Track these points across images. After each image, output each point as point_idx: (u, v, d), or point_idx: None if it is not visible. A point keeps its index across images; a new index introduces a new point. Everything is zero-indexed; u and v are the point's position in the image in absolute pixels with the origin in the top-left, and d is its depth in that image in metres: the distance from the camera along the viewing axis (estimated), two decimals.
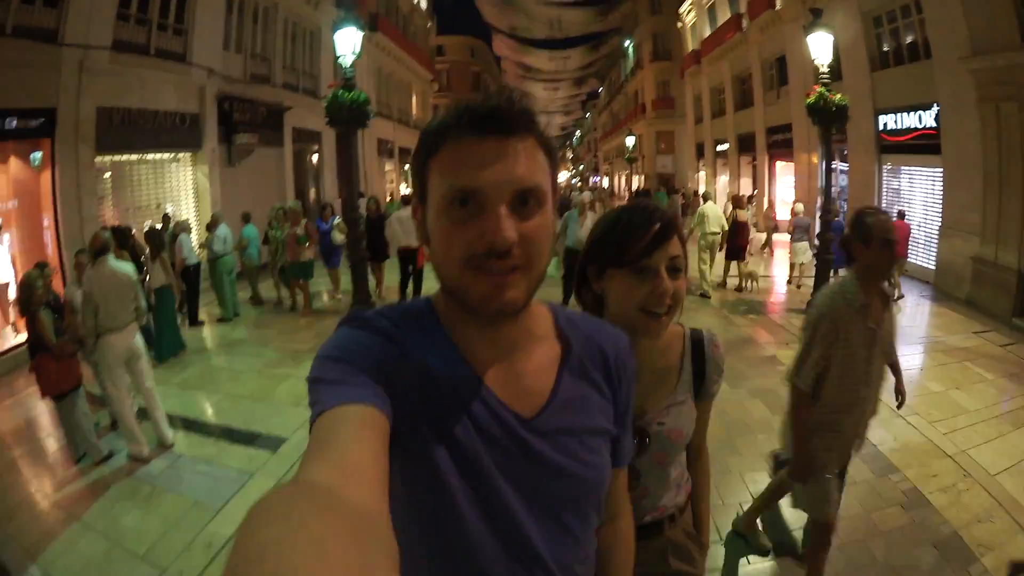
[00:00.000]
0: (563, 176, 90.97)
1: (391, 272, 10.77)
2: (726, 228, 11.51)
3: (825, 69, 9.73)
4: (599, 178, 67.62)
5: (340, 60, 9.47)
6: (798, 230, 11.71)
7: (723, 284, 12.11)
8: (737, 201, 12.19)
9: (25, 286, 5.14)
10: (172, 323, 8.23)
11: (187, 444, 5.62)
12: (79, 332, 5.25)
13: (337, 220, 10.32)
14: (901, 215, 11.75)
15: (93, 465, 5.18)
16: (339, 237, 10.26)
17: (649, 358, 1.53)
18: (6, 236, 9.33)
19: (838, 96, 9.47)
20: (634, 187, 38.01)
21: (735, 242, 11.61)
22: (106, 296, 5.20)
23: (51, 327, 5.05)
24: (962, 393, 6.27)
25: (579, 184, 65.33)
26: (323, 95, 18.92)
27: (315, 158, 20.27)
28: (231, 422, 6.09)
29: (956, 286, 11.29)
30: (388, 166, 28.09)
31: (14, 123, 9.04)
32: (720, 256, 11.82)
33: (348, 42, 9.51)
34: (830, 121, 9.71)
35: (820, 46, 9.63)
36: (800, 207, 12.50)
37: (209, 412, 6.52)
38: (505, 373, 0.91)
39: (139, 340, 5.53)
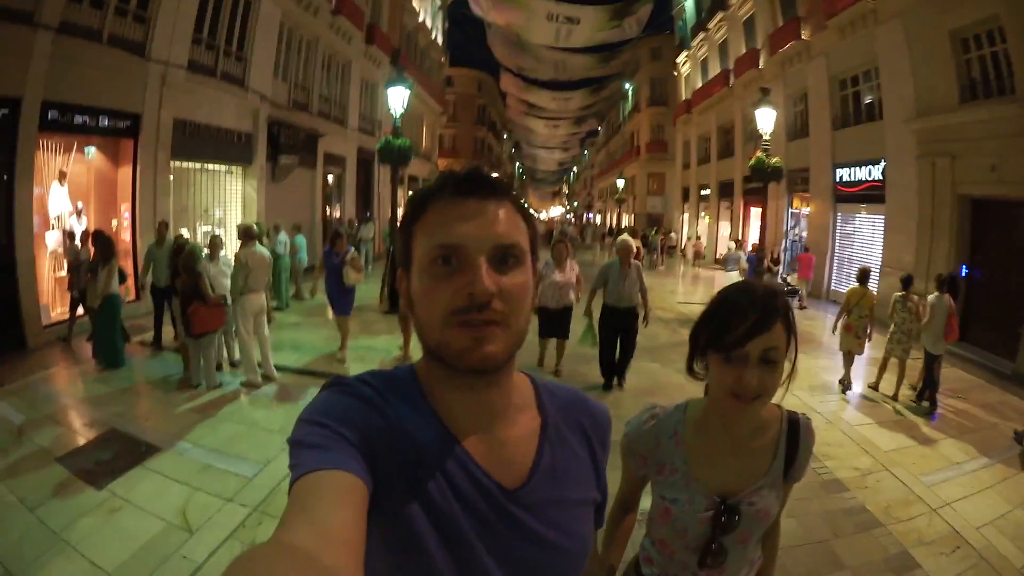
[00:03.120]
0: (557, 211, 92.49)
1: None
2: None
3: (767, 137, 11.61)
4: (592, 214, 69.57)
5: (391, 111, 11.74)
6: (729, 262, 14.21)
7: None
8: (632, 232, 14.83)
9: (190, 253, 7.07)
10: (114, 332, 7.93)
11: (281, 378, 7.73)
12: (207, 292, 7.05)
13: (352, 253, 8.10)
14: (806, 248, 14.28)
15: (207, 390, 7.09)
16: (353, 276, 8.04)
17: (745, 438, 1.55)
18: (84, 219, 10.91)
19: (774, 160, 11.39)
20: (623, 224, 40.14)
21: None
22: (254, 267, 7.21)
23: (208, 284, 7.03)
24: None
25: (574, 222, 66.93)
26: (350, 127, 21.10)
27: (333, 179, 22.01)
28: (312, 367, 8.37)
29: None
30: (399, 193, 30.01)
31: (106, 121, 10.70)
32: None
33: (398, 98, 11.77)
34: (767, 179, 11.59)
35: (765, 119, 11.56)
36: (732, 244, 14.95)
37: (293, 359, 8.65)
38: (487, 442, 0.91)
39: (265, 300, 7.53)
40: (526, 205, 0.97)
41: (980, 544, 4.48)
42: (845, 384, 8.31)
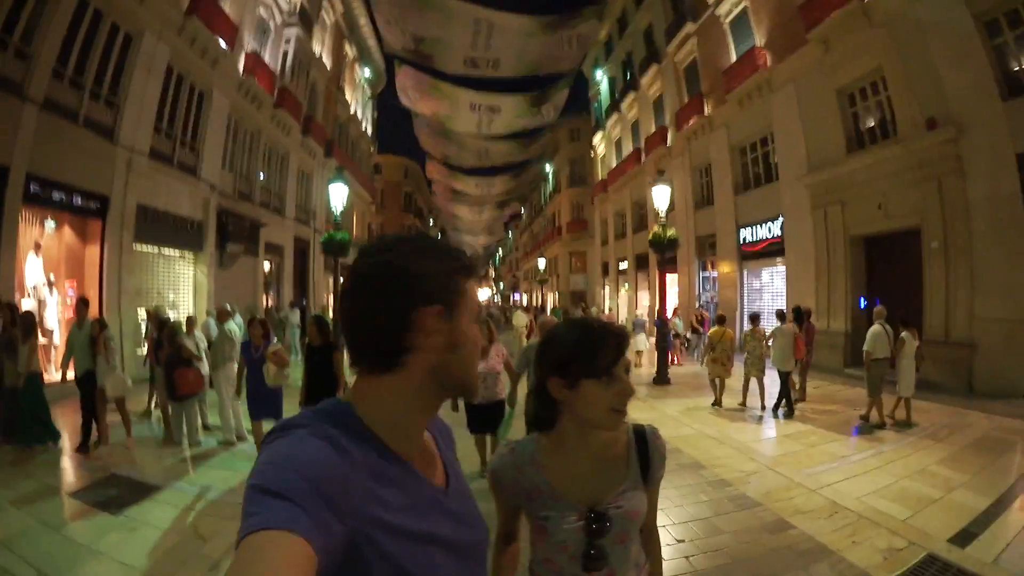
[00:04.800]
0: (484, 294, 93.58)
1: None
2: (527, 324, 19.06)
3: (663, 213, 13.12)
4: (519, 295, 71.09)
5: (332, 208, 13.27)
6: (636, 327, 15.92)
7: None
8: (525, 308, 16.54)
9: (171, 329, 8.11)
10: (42, 407, 7.64)
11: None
12: (192, 356, 7.86)
13: (274, 345, 6.98)
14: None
15: (189, 447, 7.72)
16: (274, 373, 6.70)
17: (598, 450, 1.70)
18: (56, 292, 11.34)
19: (670, 232, 12.88)
20: (548, 305, 42.20)
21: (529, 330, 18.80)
22: (232, 340, 8.13)
23: (193, 353, 7.85)
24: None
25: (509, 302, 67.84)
26: (288, 216, 22.04)
27: (273, 266, 22.74)
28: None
29: None
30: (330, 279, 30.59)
31: (79, 200, 11.37)
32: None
33: (339, 194, 13.37)
34: (665, 250, 13.13)
35: (660, 196, 13.09)
36: (639, 311, 16.51)
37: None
38: (423, 457, 1.05)
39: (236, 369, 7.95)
40: None
41: (858, 508, 5.41)
42: (717, 403, 10.34)
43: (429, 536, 0.94)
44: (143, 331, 10.02)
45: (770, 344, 10.00)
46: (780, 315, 10.46)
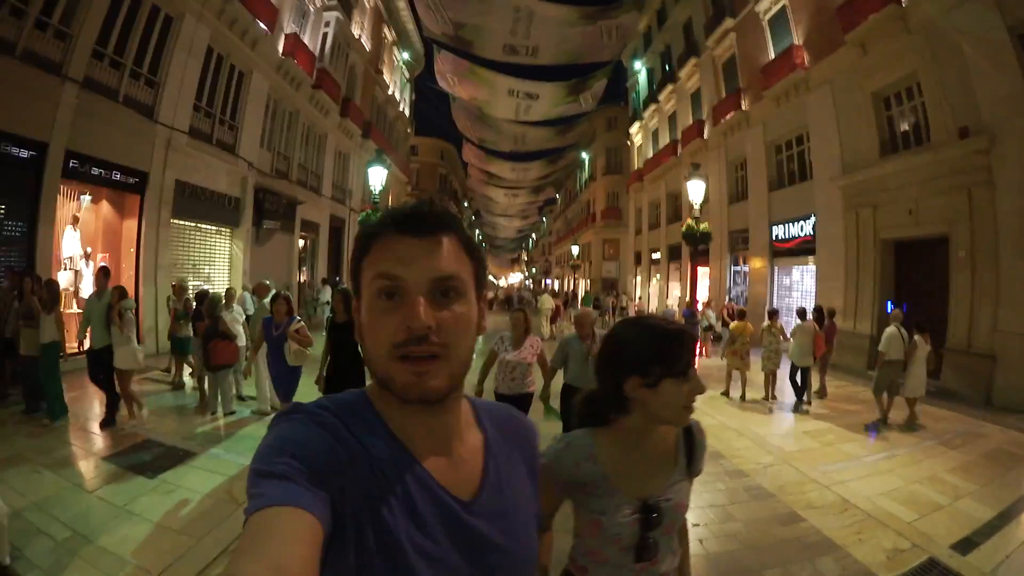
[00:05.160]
0: (516, 277, 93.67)
1: None
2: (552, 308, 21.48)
3: (697, 206, 13.20)
4: (550, 280, 71.13)
5: (371, 188, 13.73)
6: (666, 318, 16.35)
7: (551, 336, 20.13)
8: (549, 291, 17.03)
9: (212, 300, 8.32)
10: (53, 380, 7.51)
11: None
12: (228, 331, 8.15)
13: (296, 323, 6.68)
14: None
15: (223, 416, 8.00)
16: (295, 352, 6.59)
17: (652, 446, 1.77)
18: (91, 263, 11.75)
19: (703, 225, 12.88)
20: (580, 291, 42.24)
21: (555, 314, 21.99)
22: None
23: (230, 326, 8.16)
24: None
25: (533, 287, 68.10)
26: (324, 195, 22.45)
27: (308, 243, 23.26)
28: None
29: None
30: None
31: (117, 176, 11.76)
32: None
33: (378, 177, 13.79)
34: (697, 243, 13.14)
35: (695, 190, 13.18)
36: (668, 303, 16.63)
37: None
38: (441, 459, 0.95)
39: None
40: (475, 239, 1.02)
41: (867, 507, 5.54)
42: (726, 393, 10.68)
43: (422, 541, 0.87)
44: (167, 304, 10.18)
45: (790, 339, 10.27)
46: (801, 313, 10.59)
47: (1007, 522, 5.32)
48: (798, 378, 10.05)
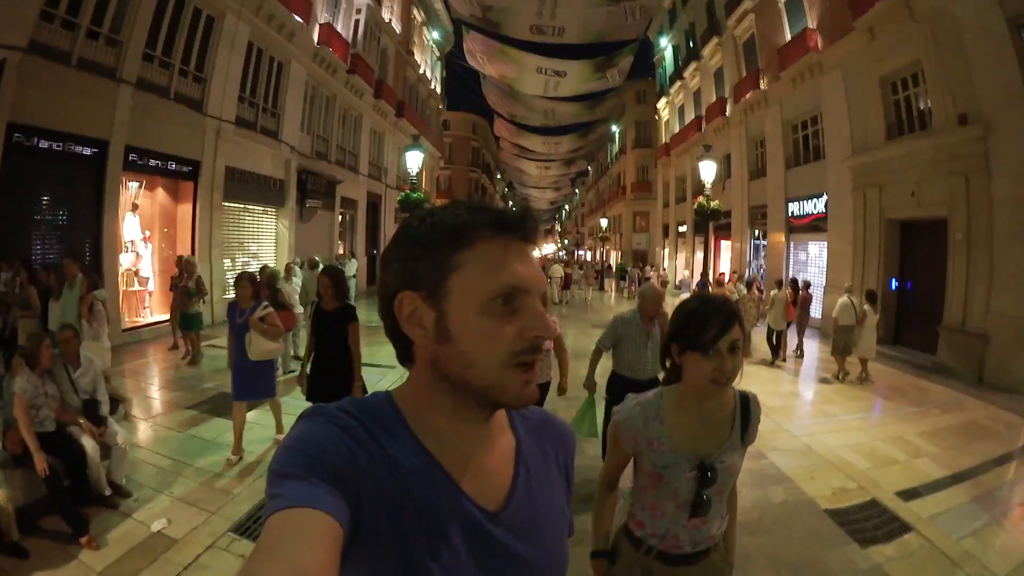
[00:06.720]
0: (549, 248, 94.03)
1: None
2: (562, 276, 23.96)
3: (709, 185, 14.02)
4: (583, 251, 71.61)
5: (409, 171, 14.86)
6: (683, 287, 17.17)
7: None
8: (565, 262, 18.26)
9: (272, 274, 9.18)
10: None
11: None
12: (286, 302, 9.11)
13: (263, 308, 5.74)
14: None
15: (283, 374, 8.95)
16: (260, 345, 5.60)
17: (711, 412, 1.88)
18: (150, 245, 13.05)
19: (714, 203, 13.72)
20: (612, 262, 43.13)
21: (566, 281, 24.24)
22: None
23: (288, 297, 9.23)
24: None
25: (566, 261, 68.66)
26: (361, 173, 23.45)
27: (347, 219, 24.38)
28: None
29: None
30: None
31: (172, 166, 12.93)
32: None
33: (415, 160, 14.90)
34: (708, 219, 14.01)
35: (707, 170, 14.04)
36: (686, 273, 17.55)
37: None
38: (470, 467, 0.90)
39: None
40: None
41: (827, 455, 6.28)
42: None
43: (444, 553, 0.83)
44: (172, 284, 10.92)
45: (766, 306, 12.23)
46: (778, 284, 12.31)
47: (957, 482, 5.69)
48: (774, 339, 11.75)
